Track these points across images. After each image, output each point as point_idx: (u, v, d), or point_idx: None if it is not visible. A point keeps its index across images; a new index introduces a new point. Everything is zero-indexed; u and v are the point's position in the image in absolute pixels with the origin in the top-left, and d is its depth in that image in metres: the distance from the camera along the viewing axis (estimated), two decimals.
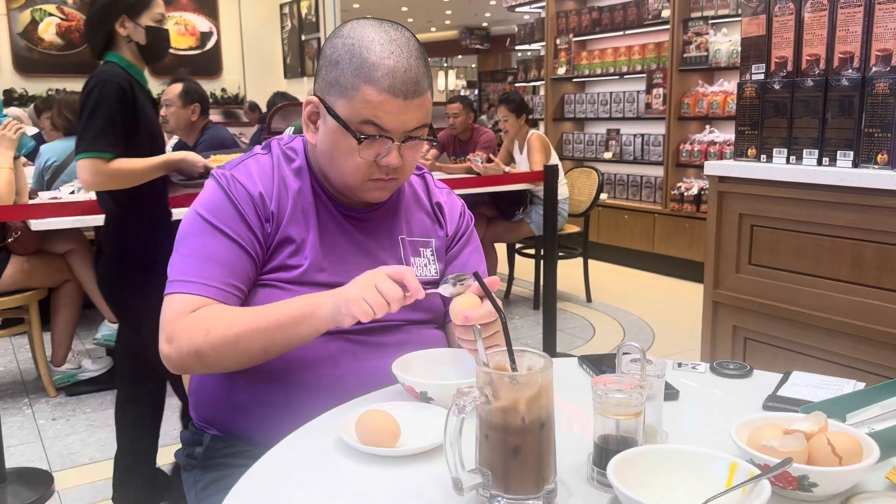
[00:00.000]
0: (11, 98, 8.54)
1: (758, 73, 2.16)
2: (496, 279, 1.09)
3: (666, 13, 5.54)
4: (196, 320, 1.10)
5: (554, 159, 4.58)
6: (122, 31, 2.17)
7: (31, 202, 3.23)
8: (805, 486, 0.80)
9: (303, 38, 9.36)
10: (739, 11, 5.06)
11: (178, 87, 3.53)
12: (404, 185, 1.31)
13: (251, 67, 9.93)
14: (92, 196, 3.42)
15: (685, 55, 5.41)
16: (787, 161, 2.08)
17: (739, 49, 2.23)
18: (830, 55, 1.97)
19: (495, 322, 1.05)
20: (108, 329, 3.43)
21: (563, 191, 4.49)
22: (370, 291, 1.01)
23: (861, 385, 1.10)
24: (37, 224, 2.90)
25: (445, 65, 19.32)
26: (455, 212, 1.37)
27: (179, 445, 1.34)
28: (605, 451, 0.85)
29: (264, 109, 5.72)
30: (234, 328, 1.08)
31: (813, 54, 2.01)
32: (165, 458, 2.67)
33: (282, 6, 9.80)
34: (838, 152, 1.95)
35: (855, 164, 1.93)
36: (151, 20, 2.18)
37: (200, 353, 1.09)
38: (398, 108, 1.12)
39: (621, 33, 6.07)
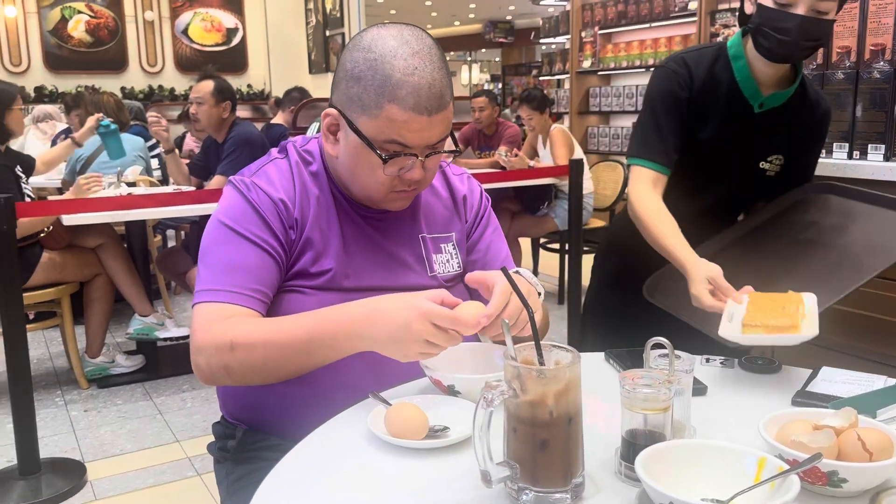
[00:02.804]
0: (42, 95, 8.68)
1: None
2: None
3: (693, 5, 5.48)
4: (221, 332, 1.08)
5: (577, 153, 4.56)
6: (749, 4, 1.59)
7: (61, 197, 3.30)
8: (835, 481, 0.80)
9: (327, 33, 9.39)
10: None
11: (209, 85, 3.55)
12: None
13: (276, 63, 10.00)
14: (123, 191, 3.50)
15: None
16: None
17: None
18: (861, 47, 1.95)
19: (520, 313, 1.02)
20: (140, 323, 3.48)
21: (588, 185, 4.46)
22: (428, 338, 0.98)
23: (892, 381, 1.09)
24: (68, 219, 2.95)
25: (469, 59, 19.29)
26: (475, 196, 1.37)
27: (212, 438, 1.36)
28: (633, 445, 0.85)
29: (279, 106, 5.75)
30: (261, 349, 1.07)
31: (843, 46, 1.98)
32: (197, 449, 2.71)
33: (306, 2, 9.85)
34: (869, 146, 1.93)
35: (887, 158, 1.90)
36: None
37: (229, 368, 1.08)
38: (422, 124, 1.10)
39: (647, 26, 6.02)
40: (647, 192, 1.60)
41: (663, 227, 1.54)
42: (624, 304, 1.76)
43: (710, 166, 1.67)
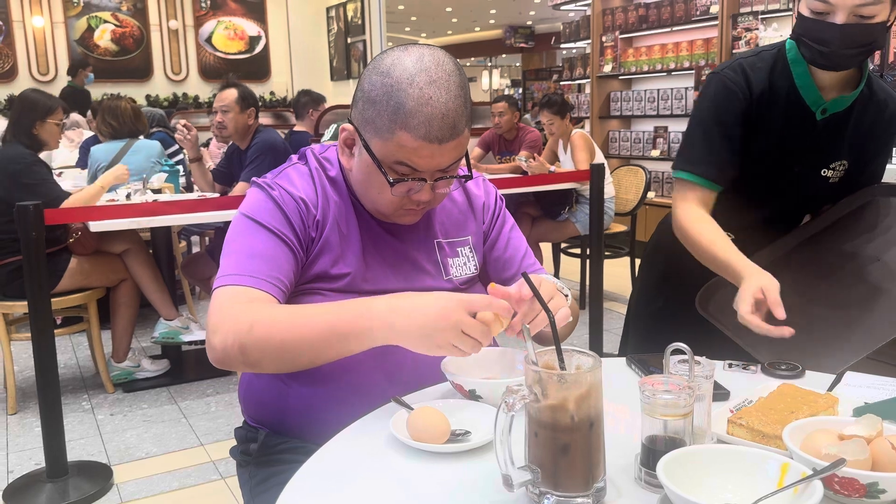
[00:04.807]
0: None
1: None
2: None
3: (714, 9, 5.46)
4: (242, 312, 1.08)
5: (598, 157, 4.55)
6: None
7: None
8: (873, 493, 0.79)
9: (349, 40, 9.46)
10: (790, 6, 4.95)
11: (233, 93, 3.59)
12: None
13: (298, 70, 10.09)
14: (148, 198, 3.54)
15: (735, 51, 5.32)
16: None
17: None
18: (885, 50, 1.93)
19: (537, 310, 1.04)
20: (165, 327, 3.52)
21: (609, 189, 4.45)
22: (458, 336, 0.98)
23: None
24: (96, 225, 2.99)
25: (489, 64, 19.30)
26: (491, 199, 1.39)
27: (234, 442, 1.37)
28: (653, 451, 0.85)
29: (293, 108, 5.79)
30: (281, 332, 1.06)
31: None
32: (221, 452, 2.74)
33: (328, 9, 9.93)
34: (895, 150, 1.91)
35: None
36: (808, 8, 1.42)
37: (244, 348, 1.06)
38: (432, 152, 1.11)
39: (669, 30, 6.00)
40: (692, 209, 1.50)
41: (714, 237, 1.43)
42: (666, 308, 1.74)
43: (766, 178, 1.55)
